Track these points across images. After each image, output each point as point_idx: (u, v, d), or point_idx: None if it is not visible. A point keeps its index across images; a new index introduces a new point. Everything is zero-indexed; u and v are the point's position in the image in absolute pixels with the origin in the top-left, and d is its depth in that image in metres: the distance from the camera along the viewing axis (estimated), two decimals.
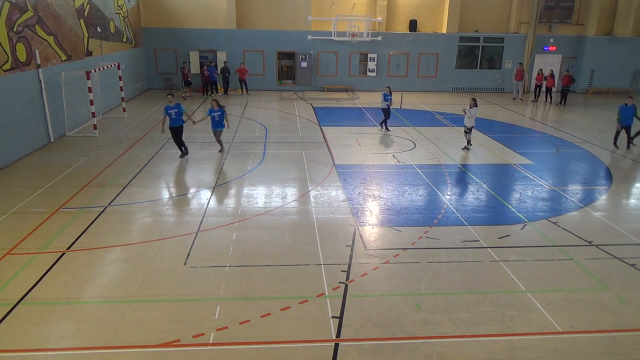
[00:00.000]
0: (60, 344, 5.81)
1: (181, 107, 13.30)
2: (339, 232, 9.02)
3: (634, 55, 26.78)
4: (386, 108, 16.89)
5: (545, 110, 22.55)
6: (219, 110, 13.52)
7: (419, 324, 6.32)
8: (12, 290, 6.92)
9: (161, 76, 25.41)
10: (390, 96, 16.81)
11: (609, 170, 13.30)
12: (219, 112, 13.49)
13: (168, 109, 13.13)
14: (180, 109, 13.24)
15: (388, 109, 16.96)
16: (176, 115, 13.14)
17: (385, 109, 16.96)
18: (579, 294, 7.13)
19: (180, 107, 13.27)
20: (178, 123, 13.21)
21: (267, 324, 6.26)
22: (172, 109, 13.12)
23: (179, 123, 13.22)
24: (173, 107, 13.13)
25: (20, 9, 13.36)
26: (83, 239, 8.57)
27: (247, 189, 11.29)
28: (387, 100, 16.74)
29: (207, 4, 24.85)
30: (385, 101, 16.75)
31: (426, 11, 26.44)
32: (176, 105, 13.20)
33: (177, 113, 13.15)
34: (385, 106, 16.85)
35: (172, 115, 13.10)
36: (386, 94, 16.80)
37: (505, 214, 10.16)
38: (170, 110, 13.10)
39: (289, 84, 26.50)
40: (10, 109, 12.78)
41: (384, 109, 16.96)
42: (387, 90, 16.91)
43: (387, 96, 16.74)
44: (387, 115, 17.10)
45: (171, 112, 13.10)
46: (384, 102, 16.82)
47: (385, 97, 16.74)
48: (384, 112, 17.06)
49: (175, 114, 13.14)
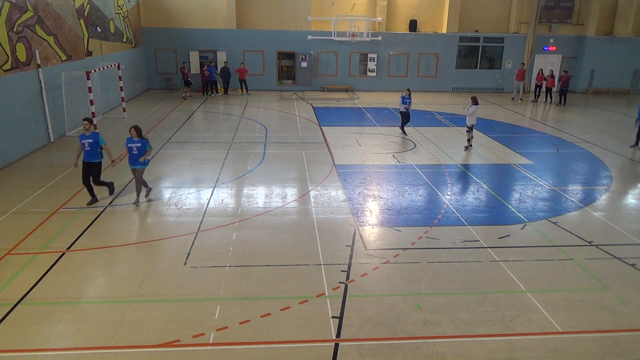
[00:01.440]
0: (60, 344, 5.80)
1: (99, 138, 9.95)
2: (339, 232, 9.02)
3: (634, 55, 26.79)
4: (405, 111, 16.44)
5: (545, 110, 22.55)
6: (140, 141, 9.94)
7: (419, 324, 6.32)
8: (12, 290, 6.92)
9: (161, 76, 25.41)
10: (409, 99, 16.36)
11: (609, 170, 13.29)
12: (138, 143, 9.92)
13: (82, 138, 9.88)
14: (96, 140, 9.88)
15: (407, 112, 16.51)
16: (90, 147, 9.83)
17: (403, 112, 16.48)
18: (579, 294, 7.13)
19: (98, 138, 9.93)
20: (92, 158, 9.91)
21: (267, 324, 6.26)
22: (85, 138, 9.82)
23: (93, 158, 9.92)
24: (87, 137, 9.84)
25: (20, 9, 13.36)
26: (83, 239, 8.56)
27: (247, 189, 11.29)
28: (406, 103, 16.32)
29: (207, 4, 24.85)
30: (404, 104, 16.33)
31: (426, 11, 26.44)
32: (93, 134, 9.90)
33: (91, 145, 9.82)
34: (403, 109, 16.41)
35: (85, 146, 9.84)
36: (405, 96, 16.39)
37: (505, 214, 10.16)
38: (84, 140, 9.82)
39: (289, 84, 26.50)
40: (10, 109, 12.78)
41: (403, 112, 16.49)
42: (406, 93, 16.44)
43: (405, 99, 16.32)
44: (406, 119, 16.59)
45: (84, 143, 9.82)
46: (402, 105, 16.41)
47: (404, 100, 16.32)
48: (403, 115, 16.55)
49: (89, 146, 9.81)
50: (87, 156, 9.93)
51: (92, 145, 9.85)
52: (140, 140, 9.96)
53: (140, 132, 9.97)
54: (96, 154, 9.96)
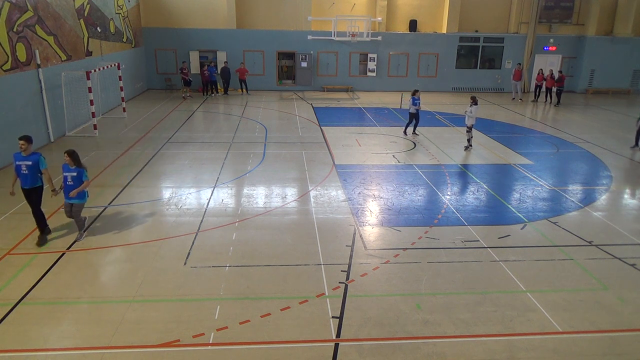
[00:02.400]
0: (60, 344, 5.80)
1: (40, 160, 8.17)
2: (339, 232, 9.02)
3: (634, 55, 26.79)
4: (415, 112, 16.28)
5: (545, 110, 22.55)
6: (75, 169, 8.18)
7: (419, 324, 6.32)
8: (12, 290, 6.92)
9: (161, 76, 25.41)
10: (419, 100, 16.19)
11: (609, 170, 13.29)
12: (74, 172, 8.18)
13: (17, 159, 8.14)
14: (37, 162, 8.13)
15: (417, 113, 16.34)
16: (29, 171, 8.11)
17: (414, 113, 16.30)
18: (579, 294, 7.13)
19: (40, 160, 8.17)
20: (31, 183, 8.21)
21: (267, 324, 6.26)
22: (22, 160, 8.11)
23: (32, 183, 8.22)
24: (25, 159, 8.11)
25: (20, 9, 13.36)
26: (83, 238, 8.56)
27: (247, 189, 11.29)
28: (416, 104, 16.15)
29: (207, 4, 24.85)
30: (415, 105, 16.16)
31: (426, 11, 26.44)
32: (32, 156, 8.15)
33: (30, 168, 8.11)
34: (414, 110, 16.25)
35: (22, 169, 8.10)
36: (415, 97, 16.18)
37: (505, 214, 10.16)
38: (21, 162, 8.10)
39: (289, 84, 26.50)
40: (10, 109, 12.78)
41: (413, 113, 16.31)
42: (417, 94, 16.21)
43: (416, 100, 16.14)
44: (416, 120, 16.43)
45: (21, 166, 8.10)
46: (413, 107, 16.22)
47: (414, 101, 16.15)
48: (412, 116, 16.35)
49: (27, 169, 8.10)
50: (25, 181, 8.15)
51: (31, 169, 8.11)
52: (77, 168, 8.18)
53: (76, 158, 8.17)
54: (35, 178, 8.22)
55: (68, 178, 8.17)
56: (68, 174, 8.18)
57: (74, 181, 8.17)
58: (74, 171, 8.18)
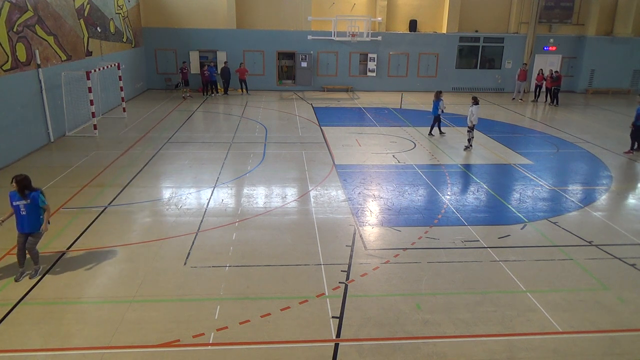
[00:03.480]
0: (60, 344, 5.80)
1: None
2: (339, 232, 9.02)
3: (634, 55, 26.78)
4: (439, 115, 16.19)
5: (545, 110, 22.55)
6: (30, 194, 7.00)
7: (419, 324, 6.32)
8: (13, 290, 6.92)
9: (161, 76, 25.41)
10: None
11: (609, 170, 13.29)
12: (28, 200, 6.98)
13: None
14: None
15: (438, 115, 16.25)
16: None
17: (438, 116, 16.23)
18: (579, 294, 7.13)
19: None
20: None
21: (267, 324, 6.26)
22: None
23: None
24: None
25: (20, 9, 13.36)
26: (83, 239, 8.56)
27: (247, 189, 11.29)
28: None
29: (207, 4, 24.85)
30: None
31: (426, 11, 26.44)
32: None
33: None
34: (440, 111, 16.16)
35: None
36: (438, 100, 16.03)
37: (505, 214, 10.16)
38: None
39: (289, 84, 26.50)
40: (10, 109, 12.78)
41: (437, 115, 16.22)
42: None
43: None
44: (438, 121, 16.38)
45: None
46: (439, 108, 16.06)
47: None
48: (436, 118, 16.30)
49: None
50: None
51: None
52: (31, 192, 6.99)
53: (24, 184, 6.90)
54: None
55: (20, 207, 6.98)
56: (18, 202, 6.96)
57: (27, 211, 6.99)
58: (29, 197, 6.97)
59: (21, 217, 7.05)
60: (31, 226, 7.10)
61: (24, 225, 7.10)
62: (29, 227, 7.10)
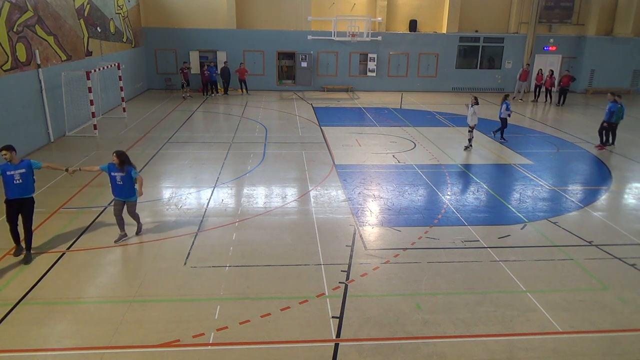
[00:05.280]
0: (60, 344, 5.80)
1: (32, 163, 7.61)
2: (339, 232, 9.02)
3: (634, 55, 26.77)
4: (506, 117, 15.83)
5: (545, 110, 22.55)
6: (127, 168, 8.10)
7: (419, 324, 6.32)
8: (12, 290, 6.92)
9: (161, 76, 25.41)
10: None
11: (609, 170, 13.29)
12: (126, 171, 8.08)
13: (6, 169, 7.35)
14: (29, 168, 7.53)
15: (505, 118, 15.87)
16: (23, 179, 7.42)
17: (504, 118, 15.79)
18: (579, 294, 7.13)
19: (31, 164, 7.59)
20: (24, 193, 7.50)
21: (267, 324, 6.26)
22: (14, 169, 7.37)
23: (25, 193, 7.52)
24: (16, 167, 7.41)
25: (20, 9, 13.36)
26: (83, 239, 8.56)
27: (247, 189, 11.29)
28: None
29: (207, 4, 24.85)
30: (507, 110, 15.57)
31: (426, 11, 26.44)
32: (23, 163, 7.50)
33: (24, 175, 7.44)
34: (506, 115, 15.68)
35: (14, 179, 7.35)
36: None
37: (505, 214, 10.16)
38: (13, 172, 7.35)
39: (289, 84, 26.50)
40: (10, 109, 12.78)
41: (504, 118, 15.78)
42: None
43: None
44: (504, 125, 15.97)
45: (13, 175, 7.35)
46: (506, 112, 15.60)
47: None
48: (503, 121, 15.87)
49: (21, 177, 7.40)
50: (17, 191, 7.36)
51: (25, 176, 7.41)
52: (128, 167, 8.13)
53: (123, 159, 8.08)
54: (30, 186, 7.52)
55: (117, 178, 8.11)
56: (116, 174, 8.09)
57: (124, 182, 8.12)
58: (126, 170, 8.08)
59: (118, 185, 8.18)
60: (126, 194, 8.26)
61: (120, 193, 8.26)
62: (124, 194, 8.26)
